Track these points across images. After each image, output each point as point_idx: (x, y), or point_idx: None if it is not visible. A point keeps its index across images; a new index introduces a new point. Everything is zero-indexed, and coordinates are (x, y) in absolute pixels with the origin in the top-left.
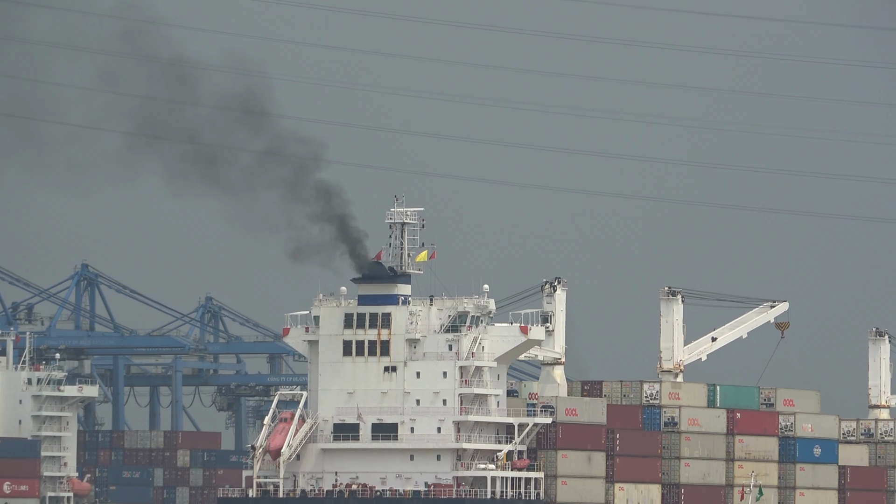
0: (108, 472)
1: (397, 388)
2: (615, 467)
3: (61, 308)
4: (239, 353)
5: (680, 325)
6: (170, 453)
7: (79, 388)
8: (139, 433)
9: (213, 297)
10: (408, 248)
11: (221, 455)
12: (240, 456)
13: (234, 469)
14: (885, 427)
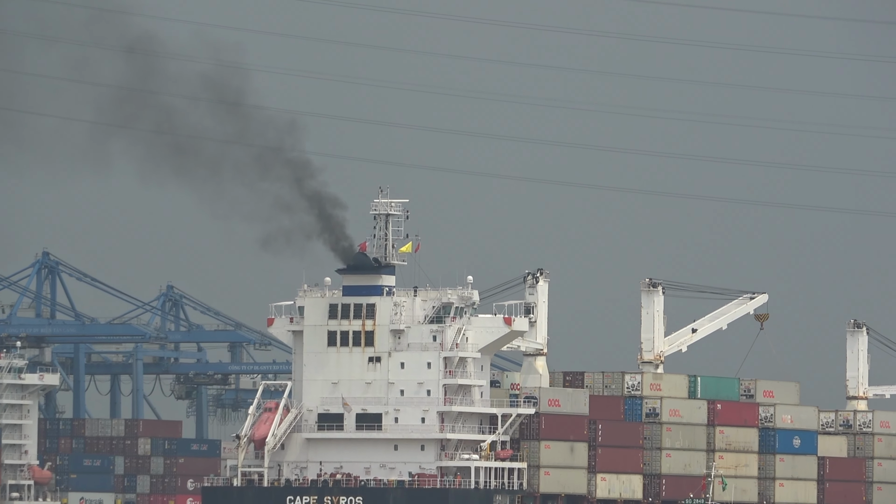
0: (68, 461)
1: (382, 378)
2: (597, 458)
3: (22, 296)
4: (199, 341)
5: (661, 317)
6: (130, 441)
7: (39, 376)
8: (100, 421)
9: (174, 285)
10: (392, 240)
11: (182, 443)
12: (200, 444)
13: (194, 458)
14: (864, 418)
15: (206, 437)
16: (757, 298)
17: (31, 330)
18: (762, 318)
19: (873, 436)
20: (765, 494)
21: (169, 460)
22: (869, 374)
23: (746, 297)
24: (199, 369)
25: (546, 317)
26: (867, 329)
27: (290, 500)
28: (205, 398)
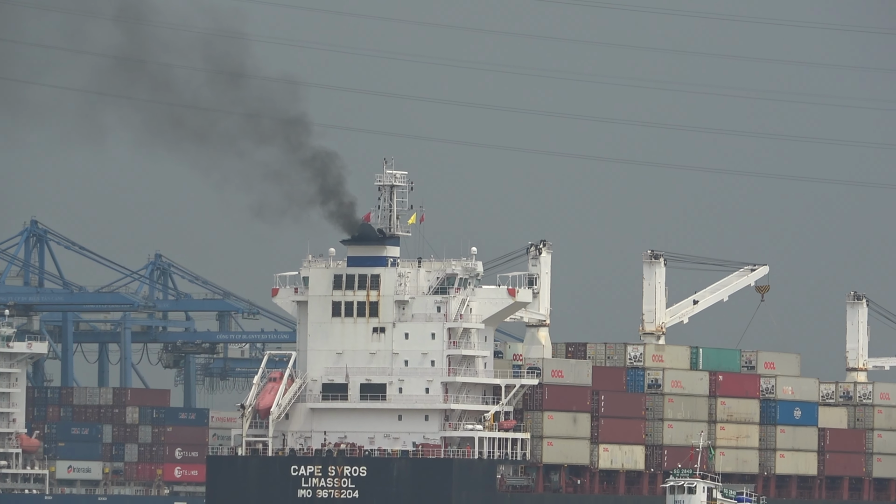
0: (56, 429)
1: (386, 348)
2: (600, 428)
3: (10, 264)
4: (188, 310)
5: (662, 288)
6: (118, 410)
7: (28, 344)
8: (88, 390)
9: (162, 254)
10: (396, 211)
11: (170, 412)
12: (188, 414)
13: (182, 426)
14: (864, 390)
15: (193, 406)
16: (758, 270)
17: (19, 298)
18: (763, 289)
19: (873, 407)
20: (765, 465)
21: (157, 429)
22: (869, 346)
23: (747, 269)
24: (188, 338)
25: (549, 288)
26: (867, 301)
27: (294, 470)
28: (193, 367)
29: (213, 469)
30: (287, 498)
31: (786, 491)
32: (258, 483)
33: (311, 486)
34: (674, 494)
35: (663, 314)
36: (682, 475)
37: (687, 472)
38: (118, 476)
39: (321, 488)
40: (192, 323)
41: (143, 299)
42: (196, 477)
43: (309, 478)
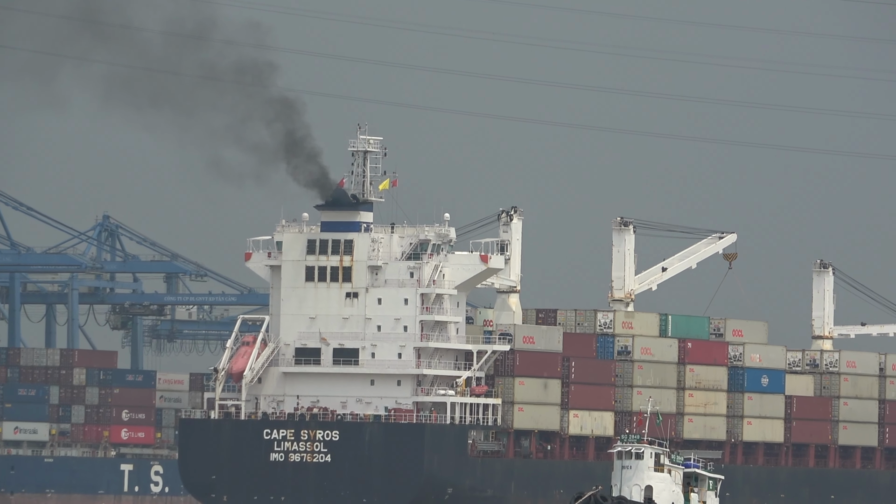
0: (3, 390)
1: (359, 314)
2: (570, 395)
3: None
4: (135, 272)
5: (631, 255)
6: (66, 371)
7: None
8: (35, 351)
9: (110, 215)
10: (370, 176)
11: (118, 374)
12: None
13: (129, 388)
14: (831, 358)
15: (141, 367)
16: (726, 238)
17: None
18: (731, 257)
19: (839, 375)
20: (733, 432)
21: (104, 391)
22: (834, 314)
23: (715, 237)
24: (135, 300)
25: (520, 254)
26: (833, 269)
27: (266, 434)
28: (140, 329)
29: (185, 432)
30: (259, 461)
31: (752, 458)
32: (231, 446)
33: (283, 450)
34: (621, 460)
35: (632, 281)
36: (629, 441)
37: (635, 438)
38: (65, 437)
39: (293, 452)
40: (139, 284)
41: (90, 260)
42: (143, 439)
43: (281, 441)
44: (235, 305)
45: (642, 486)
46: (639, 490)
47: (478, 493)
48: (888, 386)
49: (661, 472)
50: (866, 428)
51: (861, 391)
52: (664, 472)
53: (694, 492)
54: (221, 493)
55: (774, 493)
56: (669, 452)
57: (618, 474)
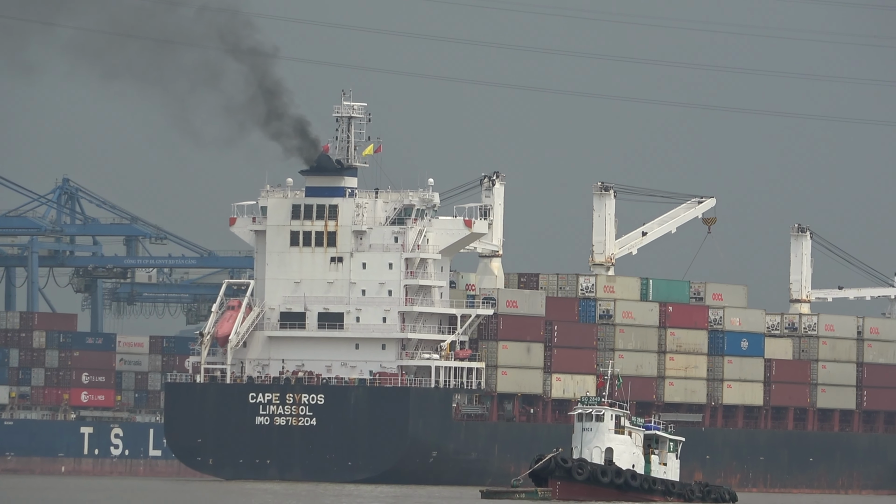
0: None
1: (343, 278)
2: (553, 358)
3: None
4: (95, 234)
5: (612, 220)
6: (25, 334)
7: None
8: None
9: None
10: (354, 142)
11: (77, 337)
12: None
13: (89, 351)
14: (809, 321)
15: (100, 330)
16: (705, 202)
17: None
18: (710, 221)
19: (818, 339)
20: (713, 395)
21: (64, 353)
22: (812, 278)
23: (695, 202)
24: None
25: (502, 219)
26: (811, 233)
27: (252, 397)
28: (100, 292)
29: (171, 396)
30: (245, 425)
31: (732, 421)
32: (216, 410)
33: (268, 414)
34: (581, 422)
35: (612, 245)
36: (590, 403)
37: (595, 400)
38: (24, 400)
39: (279, 415)
40: (99, 248)
41: (50, 223)
42: (103, 402)
43: (267, 405)
44: (195, 268)
45: (603, 449)
46: (599, 452)
47: (462, 456)
48: (866, 349)
49: (621, 434)
50: (844, 391)
51: (839, 354)
52: (625, 434)
53: (654, 454)
54: (207, 456)
55: (754, 456)
56: (630, 415)
57: (578, 437)
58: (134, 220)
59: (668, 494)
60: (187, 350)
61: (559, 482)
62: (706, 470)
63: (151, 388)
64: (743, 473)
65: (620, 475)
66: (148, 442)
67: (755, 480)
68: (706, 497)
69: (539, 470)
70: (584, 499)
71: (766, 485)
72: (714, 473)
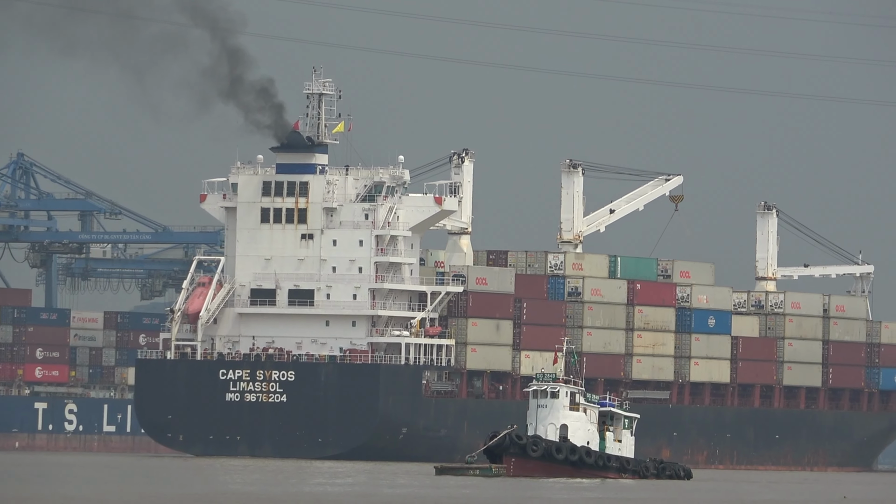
0: None
1: (314, 255)
2: (522, 335)
3: None
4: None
5: (580, 197)
6: None
7: None
8: None
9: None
10: (325, 119)
11: (32, 312)
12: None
13: (44, 326)
14: (776, 299)
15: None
16: (672, 180)
17: None
18: (677, 199)
19: (784, 316)
20: (680, 373)
21: (18, 329)
22: (778, 256)
23: (662, 179)
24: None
25: (471, 196)
26: (777, 211)
27: (222, 374)
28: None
29: (141, 372)
30: (215, 401)
31: (699, 398)
32: (186, 386)
33: (239, 390)
34: (536, 399)
35: (580, 223)
36: (545, 380)
37: (550, 377)
38: None
39: (249, 392)
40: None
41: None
42: (57, 377)
43: (237, 381)
44: (150, 244)
45: (557, 425)
46: (554, 429)
47: (432, 433)
48: (832, 327)
49: (576, 411)
50: (810, 368)
51: (805, 332)
52: (579, 411)
53: (609, 430)
54: (177, 432)
55: (720, 433)
56: (585, 391)
57: (533, 413)
58: (89, 196)
59: (623, 471)
60: (142, 325)
61: (514, 459)
62: (673, 447)
63: (106, 364)
64: (710, 450)
65: (575, 452)
66: (102, 418)
67: (721, 457)
68: (661, 474)
69: (493, 447)
70: (539, 475)
71: (733, 462)
72: (681, 450)
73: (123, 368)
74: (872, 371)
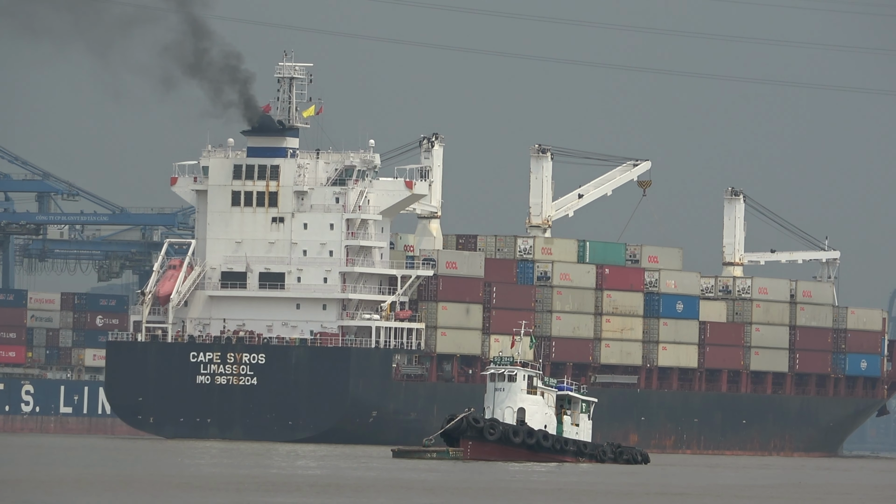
0: None
1: (285, 238)
2: (491, 319)
3: None
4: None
5: (549, 182)
6: None
7: None
8: None
9: None
10: (296, 103)
11: None
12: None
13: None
14: (743, 284)
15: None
16: (640, 165)
17: None
18: (645, 184)
19: (751, 301)
20: (648, 357)
21: None
22: (745, 241)
23: (630, 164)
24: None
25: (440, 180)
26: (744, 197)
27: (193, 356)
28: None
29: (112, 354)
30: (186, 384)
31: (667, 383)
32: (157, 369)
33: (209, 373)
34: (494, 382)
35: (549, 208)
36: (502, 363)
37: (508, 360)
38: None
39: (220, 374)
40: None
41: None
42: (14, 358)
43: (208, 364)
44: (108, 225)
45: (515, 409)
46: (511, 412)
47: (401, 416)
48: (798, 312)
49: (533, 394)
50: (777, 354)
51: (772, 317)
52: (537, 394)
53: (567, 414)
54: (148, 414)
55: (688, 418)
56: (542, 375)
57: (490, 397)
58: (46, 177)
59: (580, 455)
60: (99, 307)
61: (471, 442)
62: (641, 431)
63: (63, 345)
64: (677, 435)
65: (532, 435)
66: (59, 399)
67: (689, 442)
68: (618, 458)
69: (451, 430)
70: (496, 459)
71: (700, 446)
72: (649, 435)
73: (80, 349)
74: (839, 356)
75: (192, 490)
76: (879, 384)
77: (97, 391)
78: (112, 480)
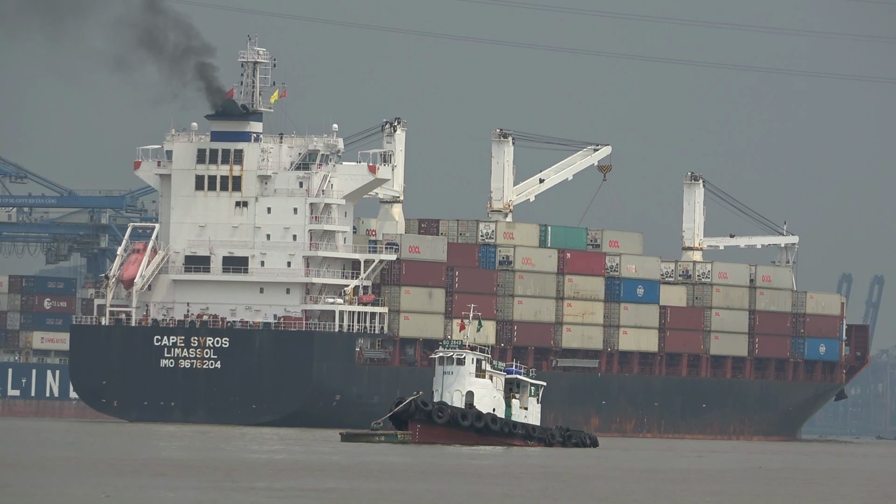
0: None
1: (248, 222)
2: (454, 304)
3: None
4: None
5: (510, 167)
6: None
7: None
8: None
9: None
10: (259, 87)
11: None
12: None
13: None
14: (703, 269)
15: None
16: (601, 150)
17: None
18: (605, 169)
19: (711, 286)
20: (609, 341)
21: None
22: (704, 226)
23: (591, 149)
24: None
25: (403, 165)
26: (703, 181)
27: (157, 340)
28: None
29: (76, 337)
30: (150, 367)
31: (628, 367)
32: (121, 352)
33: (173, 356)
34: (442, 366)
35: (510, 192)
36: (451, 346)
37: (456, 344)
38: None
39: (184, 358)
40: None
41: None
42: None
43: (172, 348)
44: (56, 207)
45: (463, 392)
46: (460, 396)
47: (365, 400)
48: (758, 297)
49: (482, 378)
50: (737, 338)
51: (732, 302)
52: (486, 378)
53: (516, 398)
54: (112, 398)
55: (648, 402)
56: (491, 359)
57: (439, 380)
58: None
59: (529, 438)
60: (47, 289)
61: (419, 425)
62: (601, 415)
63: (10, 328)
64: (638, 419)
65: (481, 419)
66: (6, 382)
67: (650, 426)
68: (566, 442)
69: (399, 413)
70: (444, 442)
71: (661, 430)
72: (609, 419)
73: (28, 332)
74: (797, 341)
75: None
76: (838, 368)
77: (45, 374)
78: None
